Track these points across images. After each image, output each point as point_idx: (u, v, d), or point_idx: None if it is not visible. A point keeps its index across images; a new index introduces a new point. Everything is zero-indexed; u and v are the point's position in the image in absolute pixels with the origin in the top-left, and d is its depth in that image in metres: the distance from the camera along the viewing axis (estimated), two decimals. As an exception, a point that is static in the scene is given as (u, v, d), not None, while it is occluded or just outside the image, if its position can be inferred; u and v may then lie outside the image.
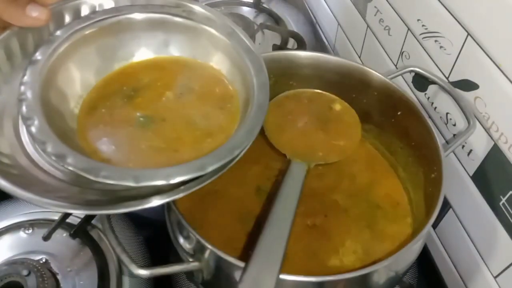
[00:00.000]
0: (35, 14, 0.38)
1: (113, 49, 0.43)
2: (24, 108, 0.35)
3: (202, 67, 0.45)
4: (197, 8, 0.44)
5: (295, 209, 0.44)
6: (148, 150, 0.38)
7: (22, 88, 0.36)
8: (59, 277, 0.55)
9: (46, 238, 0.56)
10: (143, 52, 0.45)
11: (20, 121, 0.39)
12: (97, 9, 0.43)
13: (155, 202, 0.34)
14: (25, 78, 0.36)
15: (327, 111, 0.57)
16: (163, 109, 0.42)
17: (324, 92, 0.58)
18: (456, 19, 0.49)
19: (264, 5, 0.96)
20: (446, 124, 0.55)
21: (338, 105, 0.57)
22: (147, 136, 0.39)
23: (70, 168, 0.32)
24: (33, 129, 0.34)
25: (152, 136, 0.39)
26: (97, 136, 0.39)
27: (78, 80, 0.41)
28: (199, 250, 0.42)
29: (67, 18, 0.42)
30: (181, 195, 0.34)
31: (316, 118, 0.56)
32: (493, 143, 0.47)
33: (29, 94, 0.35)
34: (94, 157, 0.37)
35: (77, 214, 0.59)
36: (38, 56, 0.38)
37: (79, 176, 0.32)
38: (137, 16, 0.43)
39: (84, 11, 0.43)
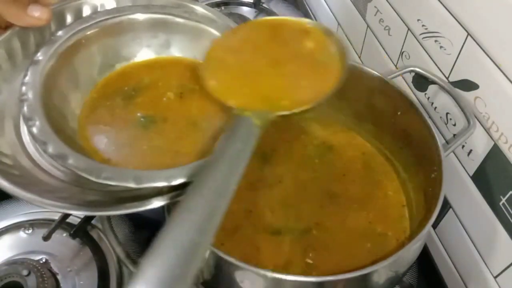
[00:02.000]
0: (37, 14, 0.38)
1: (114, 50, 0.43)
2: (25, 109, 0.35)
3: None
4: (198, 8, 0.44)
5: (236, 182, 0.32)
6: (149, 150, 0.38)
7: (24, 88, 0.36)
8: (59, 277, 0.55)
9: (46, 238, 0.56)
10: (144, 53, 0.45)
11: (21, 121, 0.39)
12: (98, 9, 0.43)
13: (156, 203, 0.34)
14: (27, 78, 0.36)
15: (297, 45, 0.43)
16: (164, 109, 0.42)
17: (297, 20, 0.44)
18: (456, 19, 0.49)
19: (264, 5, 0.96)
20: (446, 124, 0.55)
21: (312, 38, 0.43)
22: (148, 137, 0.39)
23: (71, 168, 0.32)
24: (34, 129, 0.34)
25: (153, 137, 0.39)
26: (98, 136, 0.39)
27: (80, 81, 0.41)
28: (199, 250, 0.42)
29: (69, 18, 0.43)
30: (182, 196, 0.34)
31: (278, 56, 0.42)
32: (493, 143, 0.47)
33: (30, 95, 0.35)
34: (95, 158, 0.37)
35: (78, 214, 0.59)
36: (39, 56, 0.38)
37: (80, 177, 0.32)
38: (139, 16, 0.43)
39: (86, 11, 0.43)
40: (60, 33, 0.40)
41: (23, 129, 0.39)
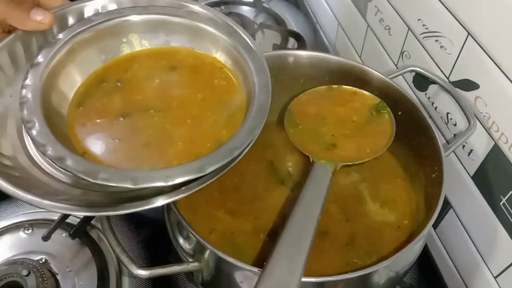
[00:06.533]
0: (39, 18, 0.39)
1: (115, 50, 0.43)
2: (25, 111, 0.35)
3: (204, 60, 0.44)
4: (198, 8, 0.44)
5: (318, 216, 0.41)
6: (144, 148, 0.38)
7: (24, 91, 0.36)
8: (58, 277, 0.55)
9: (45, 238, 0.55)
10: None
11: (23, 124, 0.39)
12: (100, 11, 0.43)
13: (156, 203, 0.34)
14: (27, 81, 0.37)
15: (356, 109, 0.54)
16: (151, 99, 0.41)
17: (349, 88, 0.55)
18: (456, 19, 0.49)
19: (264, 5, 0.96)
20: (446, 124, 0.55)
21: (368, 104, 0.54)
22: (145, 133, 0.39)
23: (70, 170, 0.32)
24: (33, 132, 0.34)
25: (149, 133, 0.39)
26: (86, 135, 0.38)
27: (79, 82, 0.41)
28: (198, 251, 0.42)
29: (71, 21, 0.43)
30: (182, 195, 0.34)
31: (342, 116, 0.54)
32: (493, 143, 0.47)
33: (30, 97, 0.35)
34: (86, 157, 0.36)
35: (78, 215, 0.58)
36: (39, 59, 0.38)
37: (80, 178, 0.32)
38: (139, 17, 0.43)
39: (88, 14, 0.43)
40: (60, 35, 0.40)
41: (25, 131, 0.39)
